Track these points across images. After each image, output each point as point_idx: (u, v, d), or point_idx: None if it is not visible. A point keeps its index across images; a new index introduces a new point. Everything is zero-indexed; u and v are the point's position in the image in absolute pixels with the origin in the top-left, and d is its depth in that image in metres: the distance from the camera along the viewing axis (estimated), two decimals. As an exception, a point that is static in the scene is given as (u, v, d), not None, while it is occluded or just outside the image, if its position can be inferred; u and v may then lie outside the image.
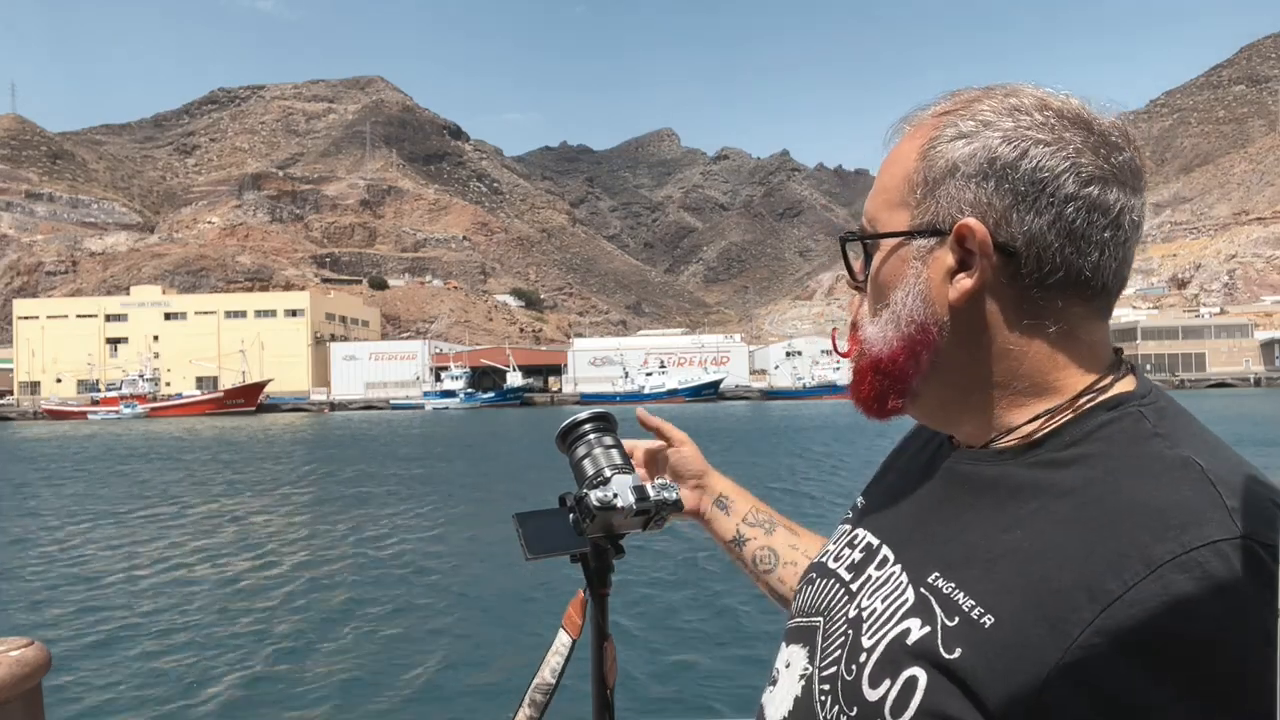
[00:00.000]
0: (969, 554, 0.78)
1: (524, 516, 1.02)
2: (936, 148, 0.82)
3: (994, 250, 0.79)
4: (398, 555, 13.69)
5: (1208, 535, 0.66)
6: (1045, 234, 0.78)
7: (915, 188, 0.83)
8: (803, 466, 25.82)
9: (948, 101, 0.86)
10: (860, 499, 1.06)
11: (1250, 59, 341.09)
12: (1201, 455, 0.73)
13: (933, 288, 0.82)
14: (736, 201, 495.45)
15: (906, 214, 0.84)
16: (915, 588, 0.80)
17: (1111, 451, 0.76)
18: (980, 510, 0.81)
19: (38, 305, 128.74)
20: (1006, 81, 0.86)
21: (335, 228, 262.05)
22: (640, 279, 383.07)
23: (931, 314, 0.82)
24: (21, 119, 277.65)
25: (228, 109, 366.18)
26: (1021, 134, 0.80)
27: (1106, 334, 0.84)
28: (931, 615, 0.76)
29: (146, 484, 25.34)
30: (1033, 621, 0.69)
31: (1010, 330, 0.81)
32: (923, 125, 0.86)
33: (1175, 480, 0.71)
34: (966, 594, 0.75)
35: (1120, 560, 0.67)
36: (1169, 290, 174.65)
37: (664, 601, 10.15)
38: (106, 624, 9.92)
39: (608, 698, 1.03)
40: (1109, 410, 0.79)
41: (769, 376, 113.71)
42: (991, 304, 0.81)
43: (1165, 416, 0.79)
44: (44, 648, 1.72)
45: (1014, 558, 0.74)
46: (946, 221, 0.81)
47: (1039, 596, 0.70)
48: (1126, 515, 0.70)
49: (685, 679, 7.73)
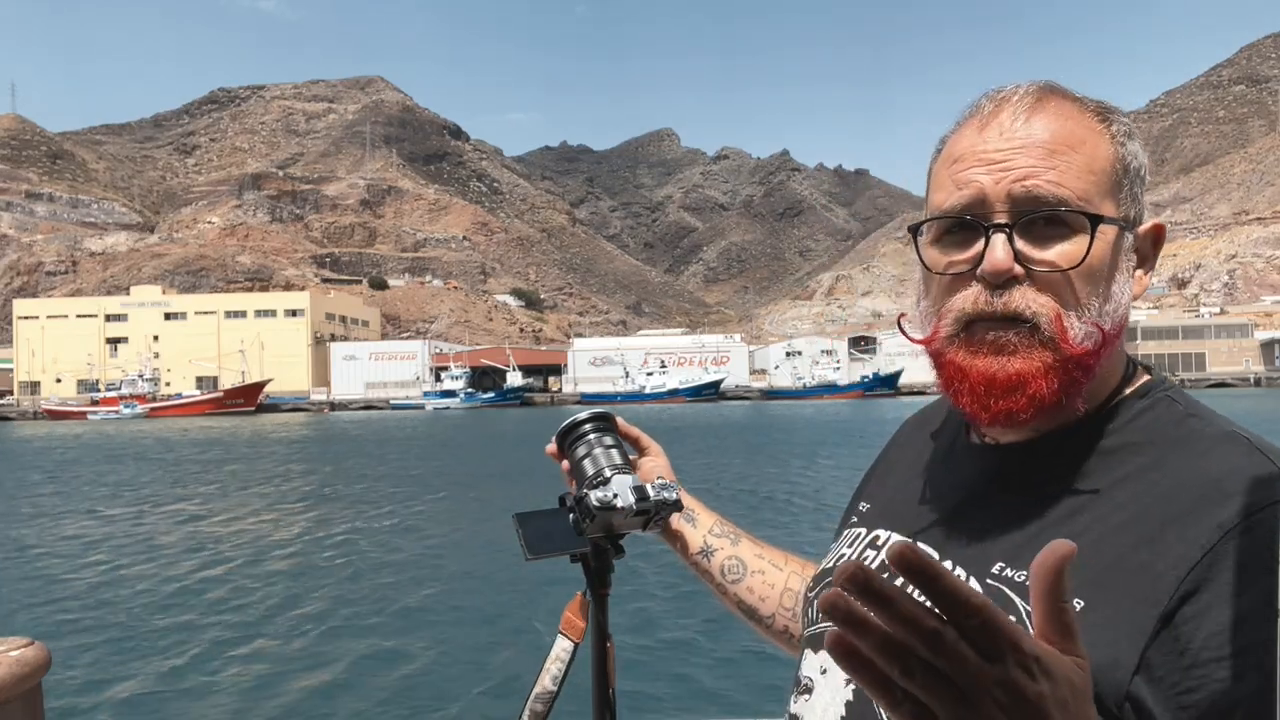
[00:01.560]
0: (1034, 541, 0.77)
1: (524, 516, 1.02)
2: (1126, 145, 0.82)
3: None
4: (397, 555, 13.68)
5: (1270, 497, 0.68)
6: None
7: (1120, 180, 0.82)
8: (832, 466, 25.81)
9: (1063, 90, 0.85)
10: (864, 502, 1.04)
11: (1250, 59, 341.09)
12: (1237, 430, 0.76)
13: (1132, 280, 0.83)
14: (736, 201, 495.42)
15: (1114, 204, 0.81)
16: (980, 580, 0.79)
17: (1155, 438, 0.78)
18: (1034, 499, 0.80)
19: (38, 305, 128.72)
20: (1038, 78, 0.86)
21: (335, 228, 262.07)
22: (640, 279, 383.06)
23: (1130, 308, 0.82)
24: (21, 119, 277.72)
25: (228, 109, 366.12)
26: (1139, 145, 0.84)
27: None
28: (1011, 605, 0.75)
29: (145, 484, 25.33)
30: (1123, 598, 0.69)
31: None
32: (1075, 109, 0.84)
33: (1225, 453, 0.73)
34: None
35: (1194, 531, 0.69)
36: (1169, 290, 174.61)
37: (665, 602, 10.14)
38: (106, 624, 9.91)
39: (609, 698, 1.02)
40: (1140, 399, 0.83)
41: (769, 376, 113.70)
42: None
43: (1189, 400, 0.82)
44: (44, 648, 1.72)
45: (1085, 540, 0.73)
46: (1138, 218, 0.82)
47: (1121, 575, 0.70)
48: (1186, 489, 0.71)
49: (686, 679, 7.72)
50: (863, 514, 1.02)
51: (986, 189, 0.81)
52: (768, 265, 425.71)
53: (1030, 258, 0.81)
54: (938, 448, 0.97)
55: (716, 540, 1.26)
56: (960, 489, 0.88)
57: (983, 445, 0.90)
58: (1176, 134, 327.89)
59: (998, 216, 0.80)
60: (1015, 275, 0.81)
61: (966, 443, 0.92)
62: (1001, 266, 0.81)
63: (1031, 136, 0.81)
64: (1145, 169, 0.83)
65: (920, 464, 0.98)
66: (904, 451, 1.05)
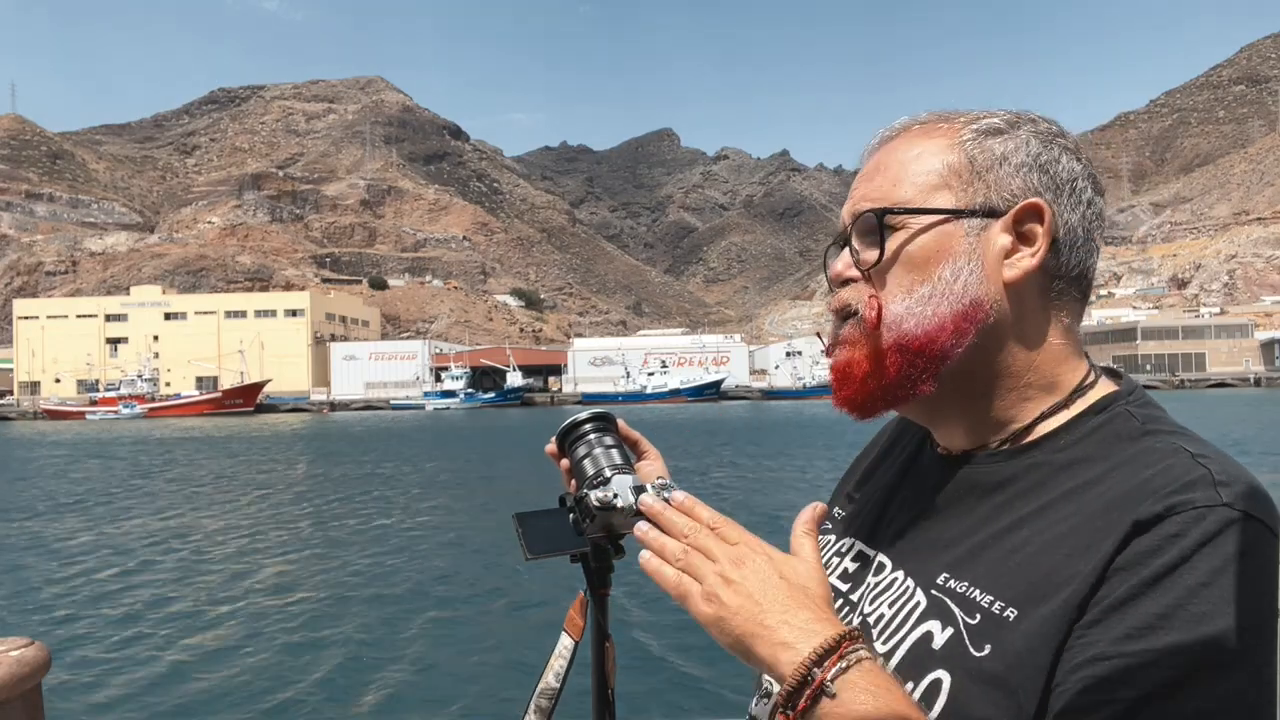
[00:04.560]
0: (977, 553, 0.79)
1: (524, 516, 1.03)
2: (977, 141, 0.85)
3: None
4: (396, 556, 13.67)
5: (1193, 500, 0.69)
6: (1076, 228, 0.84)
7: (958, 172, 0.85)
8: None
9: (948, 114, 0.89)
10: (837, 510, 1.07)
11: (1250, 59, 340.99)
12: (1189, 444, 0.76)
13: (987, 265, 0.83)
14: (736, 201, 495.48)
15: (949, 195, 0.85)
16: (925, 591, 0.81)
17: (1108, 454, 0.78)
18: (982, 512, 0.82)
19: (38, 305, 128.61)
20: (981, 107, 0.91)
21: (335, 228, 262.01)
22: (640, 279, 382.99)
23: (986, 291, 0.83)
24: (21, 119, 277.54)
25: (228, 109, 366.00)
26: (1051, 139, 0.85)
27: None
28: (950, 616, 0.77)
29: (144, 483, 25.32)
30: (1051, 609, 0.71)
31: (1038, 317, 0.84)
32: (933, 128, 0.88)
33: (1167, 465, 0.74)
34: (983, 591, 0.76)
35: (1117, 530, 0.71)
36: (1169, 290, 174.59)
37: (665, 601, 10.12)
38: (106, 624, 9.91)
39: (609, 698, 1.03)
40: (1099, 413, 0.83)
41: (769, 376, 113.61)
42: (1031, 287, 0.84)
43: (1151, 414, 0.82)
44: (44, 648, 1.72)
45: (1024, 554, 0.75)
46: (1002, 203, 0.83)
47: (1054, 586, 0.72)
48: (1122, 499, 0.73)
49: (686, 679, 7.71)
50: (837, 520, 1.05)
51: (844, 214, 0.92)
52: (768, 265, 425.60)
53: (860, 261, 0.89)
54: (906, 456, 0.99)
55: None
56: (918, 500, 0.91)
57: (941, 456, 0.92)
58: (1176, 134, 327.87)
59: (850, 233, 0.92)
60: (850, 277, 0.89)
61: (931, 453, 0.94)
62: (831, 272, 0.92)
63: (875, 167, 0.90)
64: (1031, 157, 0.84)
65: (889, 473, 1.00)
66: (875, 458, 1.07)
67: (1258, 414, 45.89)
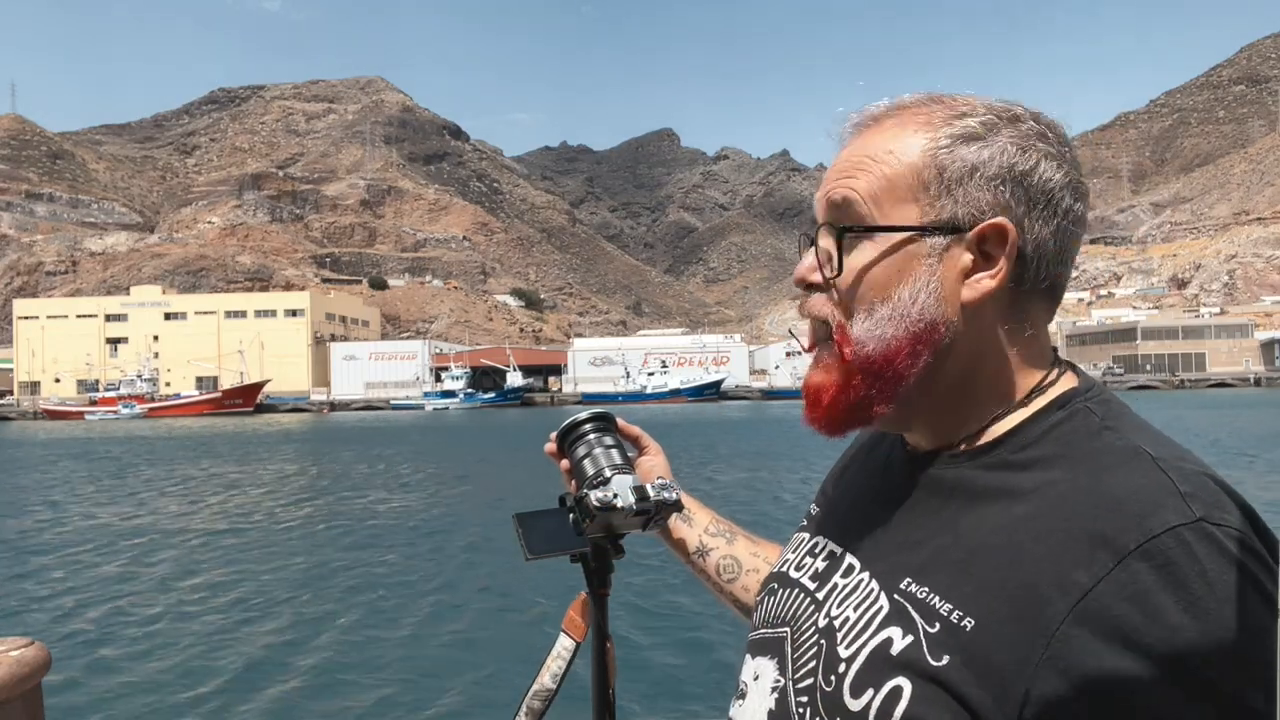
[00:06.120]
0: (939, 558, 0.78)
1: (524, 516, 1.02)
2: (951, 149, 0.81)
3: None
4: (395, 556, 13.67)
5: (1167, 521, 0.68)
6: (1047, 243, 0.81)
7: (928, 184, 0.81)
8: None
9: (930, 102, 0.85)
10: (814, 506, 1.06)
11: (1250, 59, 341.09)
12: (1149, 444, 0.75)
13: (945, 286, 0.81)
14: (736, 201, 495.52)
15: (915, 209, 0.81)
16: (888, 595, 0.80)
17: (1068, 451, 0.77)
18: (946, 515, 0.81)
19: (38, 305, 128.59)
20: (962, 93, 0.86)
21: (335, 228, 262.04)
22: (640, 279, 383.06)
23: (942, 313, 0.80)
24: (21, 119, 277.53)
25: (228, 109, 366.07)
26: (1031, 144, 0.81)
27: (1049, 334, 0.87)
28: (911, 623, 0.76)
29: (144, 483, 25.32)
30: (1011, 621, 0.70)
31: (999, 332, 0.82)
32: (911, 120, 0.84)
33: (1129, 470, 0.72)
34: (943, 599, 0.75)
35: (1088, 553, 0.69)
36: (1169, 290, 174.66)
37: (665, 602, 10.13)
38: (106, 624, 9.90)
39: (609, 698, 1.02)
40: (1059, 409, 0.81)
41: (769, 376, 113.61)
42: (990, 306, 0.81)
43: (1111, 410, 0.81)
44: (44, 648, 1.71)
45: (985, 560, 0.75)
46: (967, 220, 0.80)
47: (1014, 596, 0.71)
48: (1088, 509, 0.71)
49: (686, 679, 7.71)
50: (812, 518, 1.04)
51: (817, 201, 0.87)
52: (768, 265, 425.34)
53: (823, 270, 0.85)
54: (882, 454, 0.98)
55: (712, 539, 1.27)
56: (888, 500, 0.89)
57: (908, 455, 0.91)
58: (1176, 134, 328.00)
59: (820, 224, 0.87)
60: (814, 282, 0.86)
61: (901, 452, 0.93)
62: (796, 276, 0.88)
63: (850, 158, 0.85)
64: (1006, 168, 0.80)
65: (864, 471, 1.00)
66: (854, 457, 1.06)
67: (1259, 414, 45.87)
